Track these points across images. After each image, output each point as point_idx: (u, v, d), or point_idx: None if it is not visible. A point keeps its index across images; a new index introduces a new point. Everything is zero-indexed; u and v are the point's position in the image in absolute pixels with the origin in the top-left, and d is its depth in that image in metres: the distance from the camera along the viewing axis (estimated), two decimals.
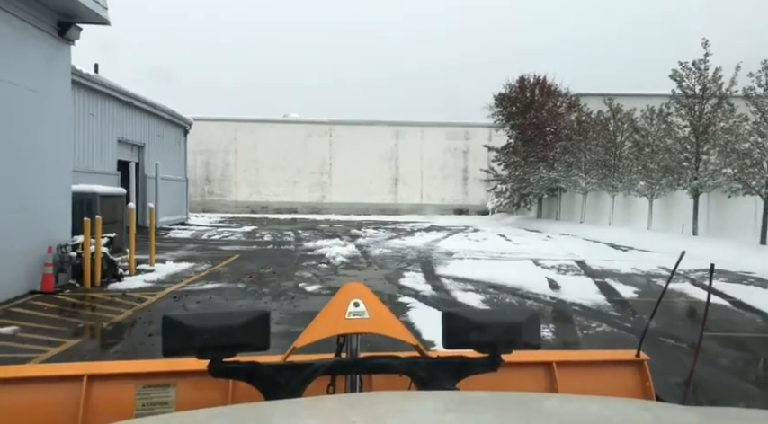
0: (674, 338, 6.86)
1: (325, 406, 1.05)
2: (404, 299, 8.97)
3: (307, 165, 39.56)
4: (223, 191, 39.43)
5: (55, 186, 9.96)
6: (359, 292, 1.56)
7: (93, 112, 18.03)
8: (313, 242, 18.22)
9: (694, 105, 17.58)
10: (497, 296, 9.35)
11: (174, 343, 1.35)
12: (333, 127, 39.94)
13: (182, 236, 20.10)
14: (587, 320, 7.67)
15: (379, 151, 39.64)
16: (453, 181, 40.34)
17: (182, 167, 27.56)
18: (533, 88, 31.27)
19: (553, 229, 25.11)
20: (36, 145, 9.38)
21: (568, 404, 1.08)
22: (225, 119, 39.25)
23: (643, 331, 2.10)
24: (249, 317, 1.39)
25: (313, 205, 39.35)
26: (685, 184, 17.70)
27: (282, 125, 40.14)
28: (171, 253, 14.54)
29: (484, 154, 38.41)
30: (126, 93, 19.99)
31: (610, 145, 23.02)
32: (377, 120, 40.11)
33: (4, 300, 8.28)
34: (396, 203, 40.06)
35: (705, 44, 17.32)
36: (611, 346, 6.29)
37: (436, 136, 40.06)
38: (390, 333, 1.52)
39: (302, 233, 22.50)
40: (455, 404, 1.02)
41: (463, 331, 1.42)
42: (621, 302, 9.09)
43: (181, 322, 1.35)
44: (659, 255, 15.27)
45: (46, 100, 9.68)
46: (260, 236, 20.85)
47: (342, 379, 1.57)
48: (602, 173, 23.20)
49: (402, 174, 40.24)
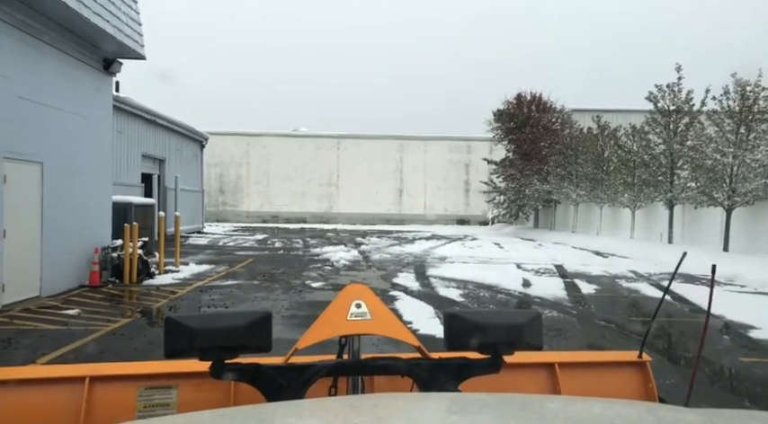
0: (607, 321, 8.47)
1: (326, 407, 1.06)
2: (394, 293, 10.62)
3: (315, 177, 41.43)
4: (236, 202, 41.31)
5: (100, 197, 11.74)
6: (361, 293, 1.58)
7: (121, 130, 19.92)
8: (320, 248, 19.93)
9: (669, 124, 19.20)
10: (474, 292, 10.99)
11: (176, 345, 1.36)
12: (340, 140, 41.81)
13: (200, 243, 21.90)
14: (542, 308, 9.28)
15: (384, 163, 41.47)
16: (455, 192, 42.01)
17: (198, 179, 29.45)
18: (530, 105, 32.98)
19: (547, 238, 26.66)
20: (86, 163, 11.17)
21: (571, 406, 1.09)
22: (238, 133, 41.24)
23: (645, 333, 2.08)
24: (251, 318, 1.40)
25: (321, 215, 41.11)
26: (661, 196, 19.27)
27: (292, 139, 42.07)
28: (192, 257, 16.28)
29: (484, 167, 39.93)
30: (149, 112, 21.90)
31: (598, 160, 24.61)
32: (382, 134, 41.96)
33: (62, 291, 10.03)
34: (400, 213, 41.76)
35: (678, 68, 18.97)
36: (551, 326, 7.90)
37: (439, 149, 41.83)
38: (392, 334, 1.55)
39: (310, 240, 24.22)
40: (457, 406, 1.02)
41: (465, 332, 1.43)
42: (579, 296, 10.71)
43: (183, 324, 1.35)
44: (633, 261, 16.81)
45: (94, 124, 11.49)
46: (271, 243, 22.60)
47: (343, 381, 1.60)
48: (591, 186, 24.79)
49: (406, 186, 41.98)
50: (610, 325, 8.32)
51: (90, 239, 11.10)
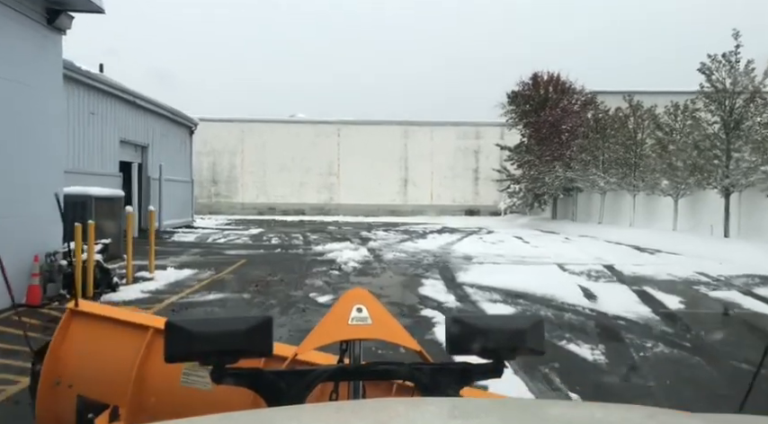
0: (747, 362, 5.95)
1: (327, 413, 1.05)
2: (427, 312, 8.11)
3: (314, 166, 38.79)
4: (230, 193, 38.70)
5: (44, 188, 9.16)
6: (362, 297, 1.53)
7: (94, 111, 17.29)
8: (322, 245, 17.39)
9: (725, 100, 16.64)
10: (530, 309, 8.48)
11: (176, 349, 1.32)
12: (341, 127, 39.15)
13: (186, 240, 19.32)
14: (639, 338, 6.78)
15: (388, 151, 38.82)
16: (464, 181, 39.45)
17: (187, 168, 26.81)
18: (547, 86, 30.40)
19: (570, 230, 24.20)
20: (24, 143, 8.60)
21: (572, 410, 1.09)
22: (231, 119, 38.54)
23: (748, 387, 1.57)
24: (252, 323, 1.36)
25: (321, 206, 38.58)
26: (716, 183, 16.75)
27: (289, 125, 39.39)
28: (173, 259, 13.75)
29: (496, 154, 37.53)
30: (129, 92, 19.24)
31: (630, 143, 22.08)
32: (386, 120, 39.30)
33: None
34: (405, 204, 39.22)
35: (736, 35, 16.38)
36: (674, 374, 5.41)
37: (446, 135, 39.19)
38: (393, 339, 1.53)
39: (311, 235, 21.69)
40: (458, 411, 1.00)
41: (467, 337, 1.38)
42: (668, 314, 8.19)
43: (184, 328, 1.32)
44: (689, 259, 14.34)
45: (36, 94, 8.89)
46: (267, 240, 20.05)
47: (345, 386, 1.54)
48: (622, 172, 22.27)
49: (411, 175, 39.39)
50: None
51: (30, 243, 8.55)
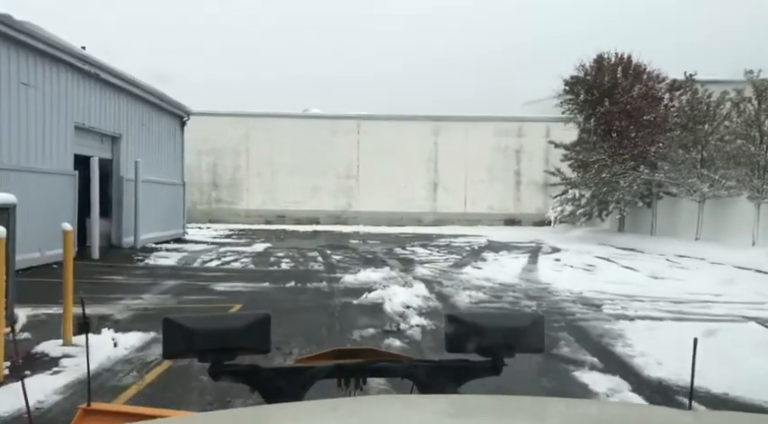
0: None
1: (325, 409, 1.04)
2: None
3: (331, 168, 33.57)
4: (233, 198, 33.58)
5: None
6: None
7: (29, 82, 12.21)
8: (353, 273, 12.16)
9: None
10: None
11: (174, 346, 1.29)
12: (361, 122, 33.94)
13: (164, 263, 14.12)
14: None
15: (414, 150, 33.46)
16: (503, 185, 34.09)
17: (177, 168, 21.73)
18: (614, 69, 25.07)
19: (656, 248, 18.82)
20: None
21: (569, 408, 1.08)
22: (235, 113, 33.46)
23: (689, 385, 1.29)
24: (251, 320, 1.33)
25: (338, 214, 33.40)
26: None
27: (302, 120, 34.24)
28: (126, 303, 8.62)
29: (540, 154, 32.27)
30: (87, 59, 14.15)
31: (755, 134, 16.75)
32: (412, 115, 34.07)
33: None
34: (435, 212, 33.95)
35: None
36: None
37: (483, 132, 33.84)
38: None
39: (332, 254, 16.50)
40: (456, 408, 1.01)
41: (465, 334, 1.36)
42: None
43: (182, 325, 1.29)
44: None
45: None
46: (275, 262, 14.84)
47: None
48: (743, 173, 16.93)
49: (442, 178, 34.07)
50: None
51: None
